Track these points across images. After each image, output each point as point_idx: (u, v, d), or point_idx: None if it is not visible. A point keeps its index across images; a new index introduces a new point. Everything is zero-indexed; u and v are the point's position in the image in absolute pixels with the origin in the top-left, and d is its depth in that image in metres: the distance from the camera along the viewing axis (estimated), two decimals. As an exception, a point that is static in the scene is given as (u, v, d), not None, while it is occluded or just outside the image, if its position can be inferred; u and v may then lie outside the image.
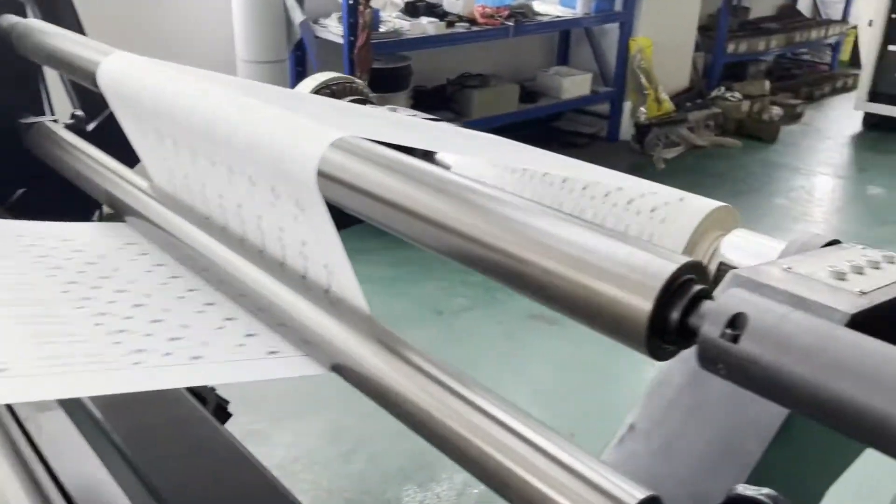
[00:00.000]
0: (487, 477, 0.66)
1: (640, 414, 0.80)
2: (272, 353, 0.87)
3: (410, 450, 2.12)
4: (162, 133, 1.05)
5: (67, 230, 1.18)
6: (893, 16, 5.82)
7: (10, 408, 1.00)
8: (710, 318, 0.47)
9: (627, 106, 5.33)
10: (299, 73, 3.91)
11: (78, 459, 0.99)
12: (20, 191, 1.59)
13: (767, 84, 6.30)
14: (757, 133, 5.64)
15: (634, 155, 5.19)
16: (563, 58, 5.56)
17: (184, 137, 0.98)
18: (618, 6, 5.06)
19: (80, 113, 1.64)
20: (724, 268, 1.08)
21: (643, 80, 5.17)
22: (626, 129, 5.36)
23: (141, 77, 1.04)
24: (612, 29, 5.22)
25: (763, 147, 5.49)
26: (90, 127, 1.59)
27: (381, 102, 4.31)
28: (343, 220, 0.88)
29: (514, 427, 0.66)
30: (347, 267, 0.84)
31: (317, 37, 3.85)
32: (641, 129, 5.20)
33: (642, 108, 5.21)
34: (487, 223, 0.61)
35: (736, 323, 0.46)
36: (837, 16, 8.02)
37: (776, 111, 6.10)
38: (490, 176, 1.33)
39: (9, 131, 1.53)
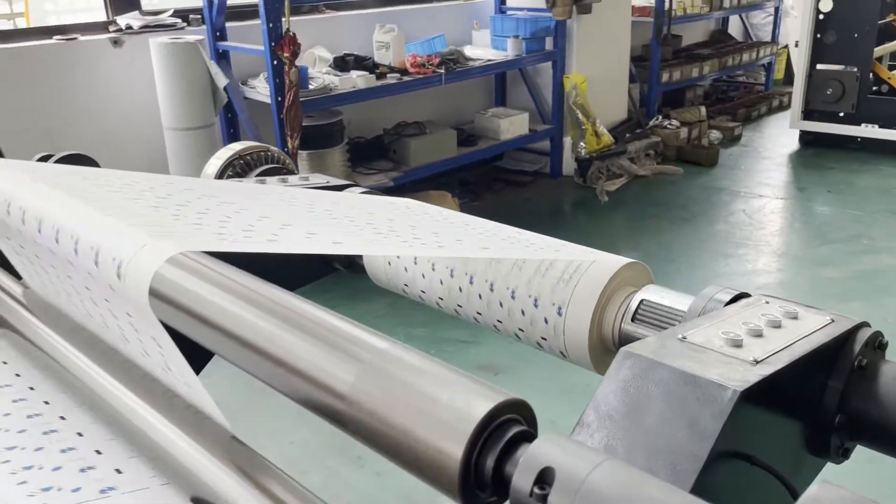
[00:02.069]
0: None
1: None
2: (130, 483, 0.80)
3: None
4: (14, 242, 0.98)
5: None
6: (818, 36, 6.00)
7: None
8: (521, 471, 0.42)
9: (567, 142, 5.38)
10: (231, 135, 3.87)
11: None
12: None
13: (703, 109, 6.42)
14: (697, 158, 5.73)
15: (578, 189, 5.21)
16: (501, 99, 5.61)
17: (32, 251, 0.92)
18: (549, 46, 5.13)
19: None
20: (633, 329, 1.04)
21: (580, 115, 5.22)
22: (569, 165, 5.40)
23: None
24: (546, 67, 5.29)
25: (703, 172, 5.57)
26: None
27: (315, 159, 4.30)
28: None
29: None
30: (199, 387, 0.78)
31: (246, 98, 3.82)
32: (583, 164, 5.24)
33: (582, 143, 5.25)
34: (304, 350, 0.55)
35: (545, 478, 0.41)
36: (767, 37, 8.27)
37: (714, 135, 6.22)
38: (396, 266, 1.28)
39: None
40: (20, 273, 1.15)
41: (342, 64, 4.09)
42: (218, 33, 3.81)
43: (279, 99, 3.44)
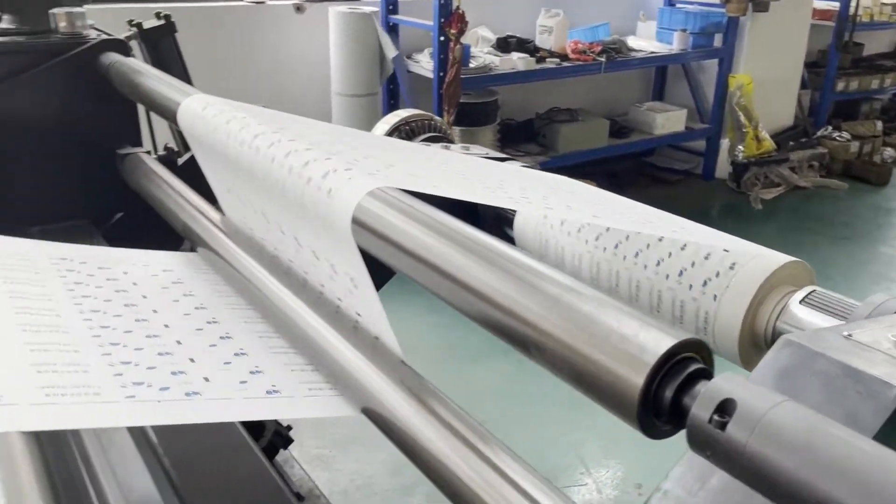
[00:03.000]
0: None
1: (676, 479, 0.77)
2: (309, 390, 0.90)
3: (470, 487, 2.11)
4: (226, 172, 1.11)
5: (151, 257, 1.25)
6: None
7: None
8: (701, 401, 0.46)
9: (725, 143, 5.17)
10: (391, 105, 4.02)
11: (133, 478, 1.04)
12: (116, 217, 1.70)
13: (880, 124, 5.96)
14: (866, 175, 5.34)
15: (730, 194, 5.01)
16: (659, 93, 5.47)
17: (243, 179, 1.03)
18: (717, 42, 4.94)
19: (172, 146, 1.75)
20: (789, 328, 1.03)
21: (742, 117, 5.00)
22: (723, 168, 5.19)
23: (211, 119, 1.11)
24: (711, 64, 5.10)
25: (872, 190, 5.19)
26: (181, 160, 1.70)
27: (467, 136, 4.42)
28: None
29: (532, 493, 0.65)
30: (380, 311, 0.86)
31: (409, 71, 3.96)
32: (739, 168, 5.03)
33: (740, 147, 5.04)
34: (495, 281, 0.61)
35: (725, 408, 0.44)
36: (964, 52, 7.52)
37: (889, 153, 5.77)
38: (551, 224, 1.32)
39: (108, 161, 1.65)
40: (220, 203, 1.28)
41: (504, 45, 4.15)
42: (391, 6, 3.96)
43: (441, 74, 3.55)
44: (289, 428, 1.62)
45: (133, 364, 0.86)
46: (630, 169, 5.26)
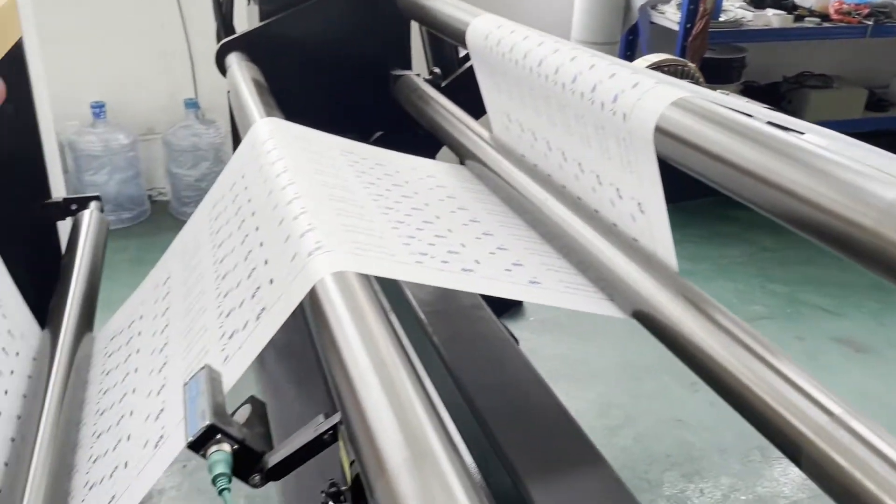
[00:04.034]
0: (784, 445, 0.66)
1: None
2: (574, 287, 0.95)
3: (680, 439, 2.09)
4: (511, 90, 1.17)
5: (418, 162, 1.37)
6: None
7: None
8: None
9: None
10: (627, 56, 3.93)
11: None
12: (377, 134, 1.86)
13: None
14: None
15: None
16: (932, 66, 4.84)
17: (530, 94, 1.09)
18: None
19: (437, 70, 1.88)
20: None
21: None
22: None
23: (502, 38, 1.17)
24: None
25: None
26: (444, 83, 1.82)
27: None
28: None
29: (826, 405, 0.65)
30: (665, 222, 0.88)
31: (651, 22, 3.84)
32: None
33: None
34: (818, 184, 0.61)
35: None
36: None
37: None
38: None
39: (382, 80, 1.81)
40: (491, 120, 1.36)
41: (758, 1, 3.89)
42: (640, -46, 3.84)
43: (688, 26, 3.41)
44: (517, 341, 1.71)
45: (417, 239, 0.97)
46: (884, 147, 4.73)
